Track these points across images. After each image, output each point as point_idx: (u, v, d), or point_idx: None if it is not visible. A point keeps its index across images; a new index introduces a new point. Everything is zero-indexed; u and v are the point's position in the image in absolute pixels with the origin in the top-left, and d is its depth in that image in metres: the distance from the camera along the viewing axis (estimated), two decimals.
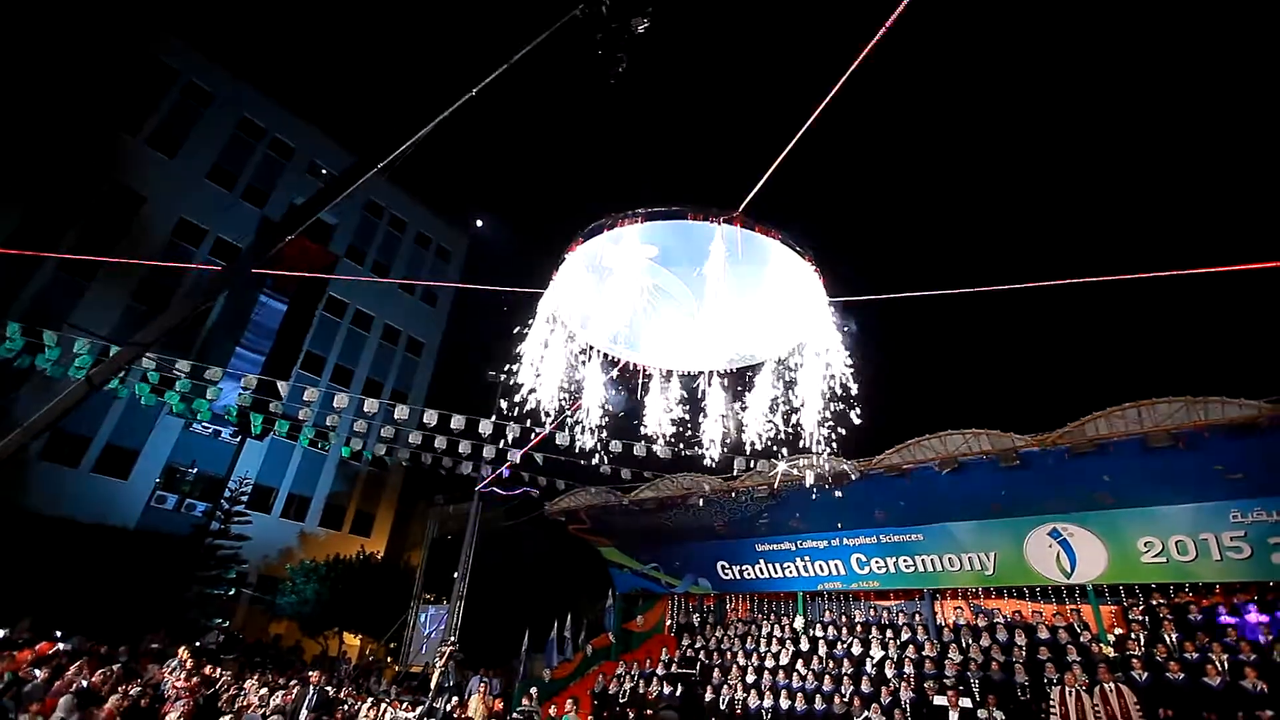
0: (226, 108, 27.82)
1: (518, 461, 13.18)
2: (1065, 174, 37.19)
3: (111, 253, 21.57)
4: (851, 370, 5.17)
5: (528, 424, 5.62)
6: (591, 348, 5.21)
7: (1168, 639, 10.47)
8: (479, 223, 37.71)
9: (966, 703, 9.99)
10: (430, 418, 11.00)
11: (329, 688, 11.87)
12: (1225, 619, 10.83)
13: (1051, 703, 9.19)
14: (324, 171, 31.30)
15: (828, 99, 4.15)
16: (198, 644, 13.20)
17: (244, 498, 23.03)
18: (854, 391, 5.25)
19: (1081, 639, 11.20)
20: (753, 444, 5.65)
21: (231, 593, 22.17)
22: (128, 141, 24.27)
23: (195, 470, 24.21)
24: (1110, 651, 10.65)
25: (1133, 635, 10.99)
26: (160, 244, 24.45)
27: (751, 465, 12.61)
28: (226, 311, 25.46)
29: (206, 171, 26.69)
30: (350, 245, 31.62)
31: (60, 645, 10.64)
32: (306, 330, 27.21)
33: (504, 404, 5.42)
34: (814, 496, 13.41)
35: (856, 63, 3.99)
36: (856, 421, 5.45)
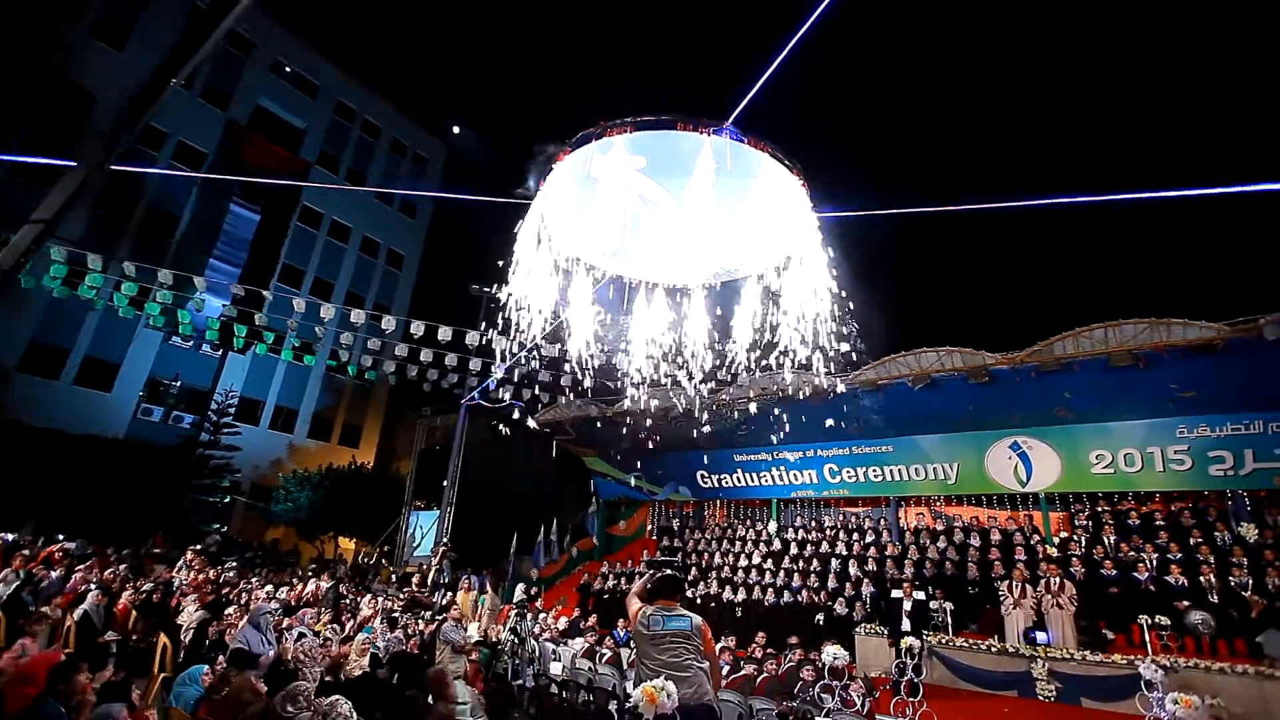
0: None
1: (503, 374, 13.40)
2: (1042, 98, 36.19)
3: (64, 156, 20.35)
4: (834, 286, 5.30)
5: (513, 336, 5.73)
6: (578, 259, 5.25)
7: (1106, 541, 11.44)
8: (456, 129, 35.89)
9: (920, 595, 10.94)
10: (417, 329, 11.06)
11: (333, 585, 12.65)
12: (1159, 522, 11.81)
13: (1002, 594, 10.14)
14: (288, 70, 29.24)
15: (819, 11, 4.01)
16: (198, 547, 13.79)
17: (231, 410, 23.23)
18: (836, 308, 5.40)
19: (1030, 541, 12.19)
20: (735, 357, 5.85)
21: (226, 500, 22.85)
22: (66, 32, 22.26)
23: (179, 383, 24.18)
24: (1053, 552, 11.63)
25: (1075, 538, 11.97)
26: None
27: (733, 378, 12.98)
28: (196, 221, 24.52)
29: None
30: (322, 152, 30.09)
31: (70, 545, 11.07)
32: (282, 241, 26.41)
33: (488, 315, 5.51)
34: (791, 410, 13.94)
35: None
36: (836, 337, 5.64)
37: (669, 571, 3.87)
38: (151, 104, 4.70)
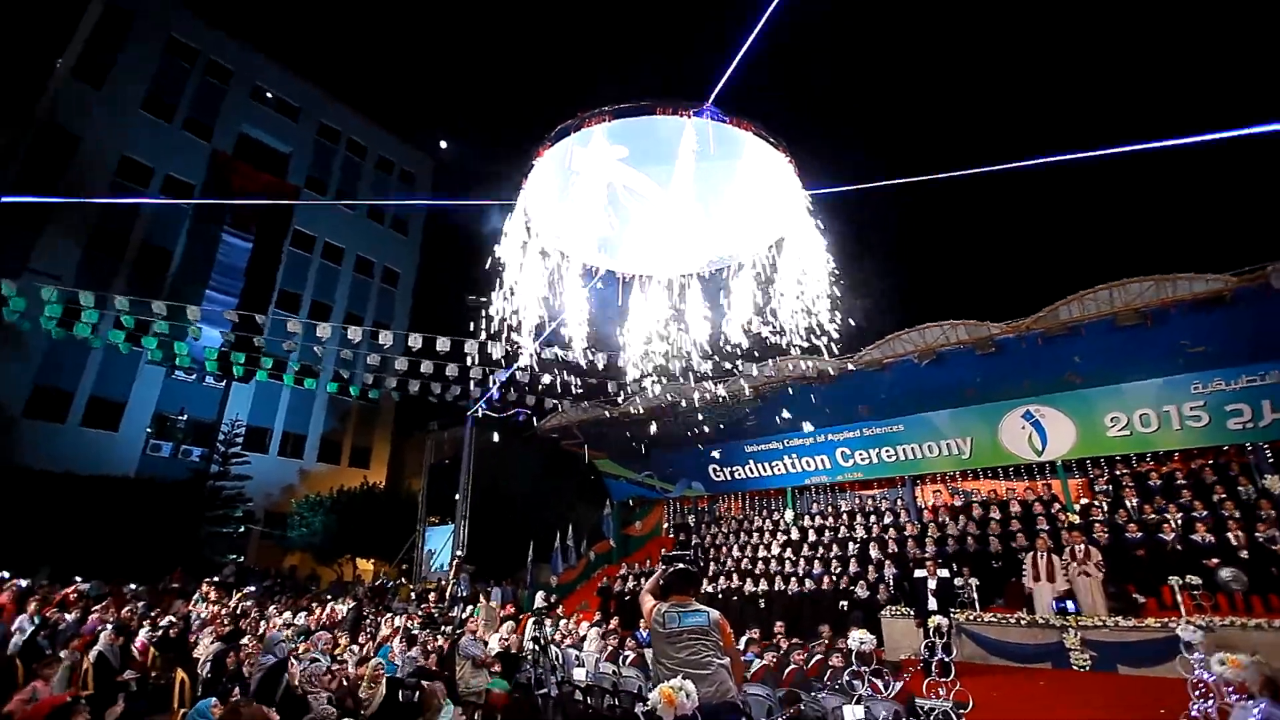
0: (151, 27, 25.41)
1: (505, 383, 13.28)
2: (1033, 56, 35.84)
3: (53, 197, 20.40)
4: (831, 266, 5.16)
5: (511, 343, 5.62)
6: (567, 257, 5.14)
7: (1128, 504, 11.24)
8: (443, 144, 35.85)
9: (944, 573, 10.77)
10: (415, 342, 10.98)
11: (354, 606, 12.63)
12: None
13: (1024, 566, 9.97)
14: (268, 95, 29.23)
15: None
16: (215, 579, 13.75)
17: (239, 439, 23.23)
18: (833, 288, 5.27)
19: (1051, 510, 11.99)
20: (736, 346, 5.72)
21: (241, 530, 22.87)
22: (53, 75, 22.29)
23: (185, 417, 24.21)
24: (1075, 519, 11.43)
25: (1097, 503, 11.78)
26: (104, 185, 23.08)
27: (736, 369, 12.84)
28: (189, 254, 24.54)
29: (141, 102, 24.79)
30: (309, 176, 30.10)
31: (84, 587, 11.03)
32: (276, 266, 26.39)
33: (486, 325, 5.38)
34: (798, 396, 13.80)
35: None
36: (837, 318, 5.50)
37: (682, 566, 3.73)
38: (43, 91, 4.54)
